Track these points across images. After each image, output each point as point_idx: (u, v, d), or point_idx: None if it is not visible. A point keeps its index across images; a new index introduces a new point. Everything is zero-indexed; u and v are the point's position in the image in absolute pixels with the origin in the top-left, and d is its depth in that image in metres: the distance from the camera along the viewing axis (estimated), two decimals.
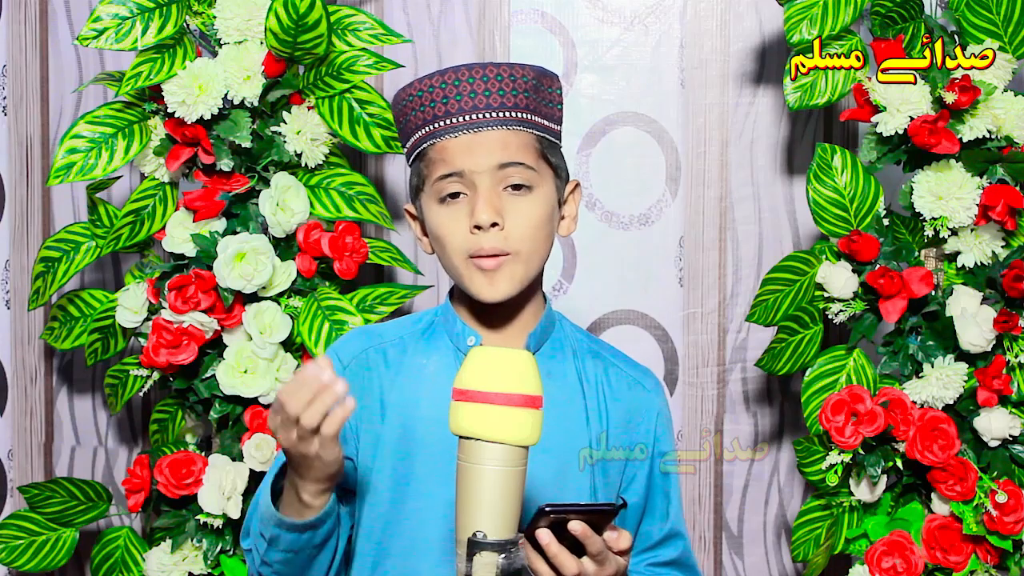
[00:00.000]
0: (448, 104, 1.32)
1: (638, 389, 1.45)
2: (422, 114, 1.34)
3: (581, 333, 1.48)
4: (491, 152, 1.32)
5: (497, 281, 1.34)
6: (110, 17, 1.84)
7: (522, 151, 1.33)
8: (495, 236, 1.32)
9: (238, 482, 1.89)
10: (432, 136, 1.34)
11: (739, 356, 2.24)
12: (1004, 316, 1.79)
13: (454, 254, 1.35)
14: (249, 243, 1.87)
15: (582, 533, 1.15)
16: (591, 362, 1.44)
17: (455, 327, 1.41)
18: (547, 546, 1.15)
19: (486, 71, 1.32)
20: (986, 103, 1.82)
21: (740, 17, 2.21)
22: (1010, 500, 1.77)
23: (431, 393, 1.38)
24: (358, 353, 1.43)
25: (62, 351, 2.37)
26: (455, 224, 1.33)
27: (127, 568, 2.01)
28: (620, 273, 2.25)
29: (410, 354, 1.42)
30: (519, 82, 1.33)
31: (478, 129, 1.32)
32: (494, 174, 1.32)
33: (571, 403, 1.40)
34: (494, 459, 1.12)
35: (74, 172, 1.89)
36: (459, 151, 1.32)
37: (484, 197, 1.31)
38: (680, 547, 1.46)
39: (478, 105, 1.32)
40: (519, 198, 1.34)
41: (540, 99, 1.36)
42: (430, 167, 1.35)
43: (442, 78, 1.33)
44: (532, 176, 1.34)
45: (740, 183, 2.22)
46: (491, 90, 1.32)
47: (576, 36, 2.23)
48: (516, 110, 1.33)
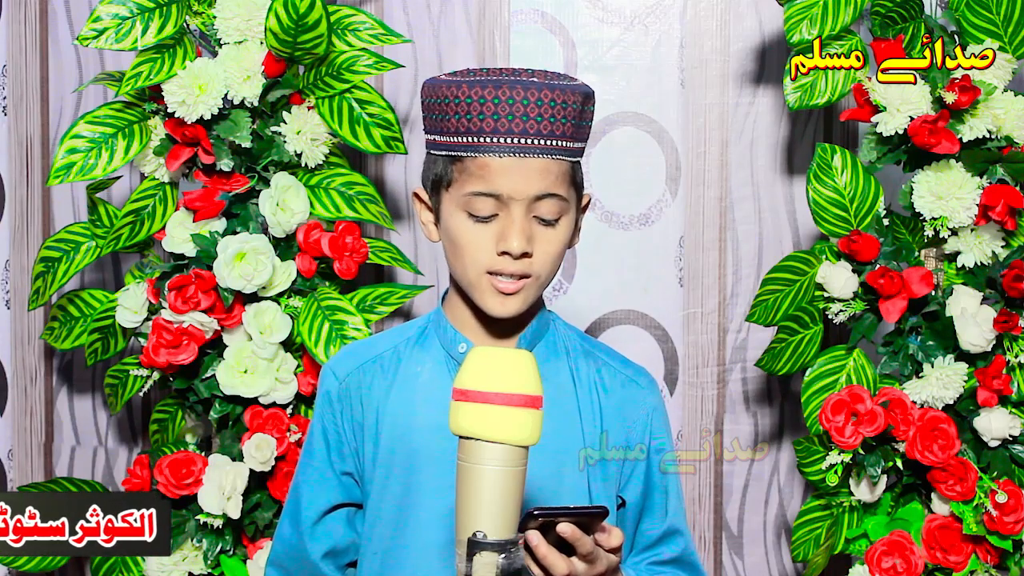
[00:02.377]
0: (497, 122, 1.29)
1: (632, 387, 1.45)
2: (467, 121, 1.30)
3: (574, 333, 1.48)
4: (531, 181, 1.30)
5: (511, 301, 1.34)
6: (110, 17, 1.84)
7: (559, 181, 1.32)
8: (521, 263, 1.32)
9: (238, 482, 1.89)
10: (475, 149, 1.31)
11: (739, 356, 2.24)
12: (1004, 316, 1.79)
13: (472, 267, 1.34)
14: (249, 243, 1.87)
15: (571, 535, 1.16)
16: (584, 361, 1.44)
17: (447, 333, 1.41)
18: (536, 547, 1.15)
19: (541, 94, 1.29)
20: (986, 103, 1.82)
21: (740, 17, 2.21)
22: (1010, 500, 1.77)
23: (426, 401, 1.39)
24: (354, 368, 1.43)
25: (62, 351, 2.37)
26: (482, 241, 1.32)
27: (127, 568, 2.01)
28: (620, 273, 2.25)
29: (404, 363, 1.42)
30: (569, 109, 1.31)
31: (523, 155, 1.30)
32: (530, 202, 1.31)
33: (564, 403, 1.40)
34: (494, 459, 1.12)
35: (74, 172, 1.89)
36: (501, 173, 1.30)
37: (519, 226, 1.30)
38: (681, 545, 1.46)
39: (528, 130, 1.29)
40: (548, 228, 1.33)
41: (581, 122, 1.34)
42: (464, 177, 1.32)
43: (495, 92, 1.29)
44: (563, 207, 1.33)
45: (740, 183, 2.22)
46: (543, 115, 1.29)
47: (576, 36, 2.23)
48: (562, 138, 1.31)
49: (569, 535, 1.15)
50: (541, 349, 1.42)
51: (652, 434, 1.44)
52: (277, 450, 1.90)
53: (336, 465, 1.43)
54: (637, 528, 1.45)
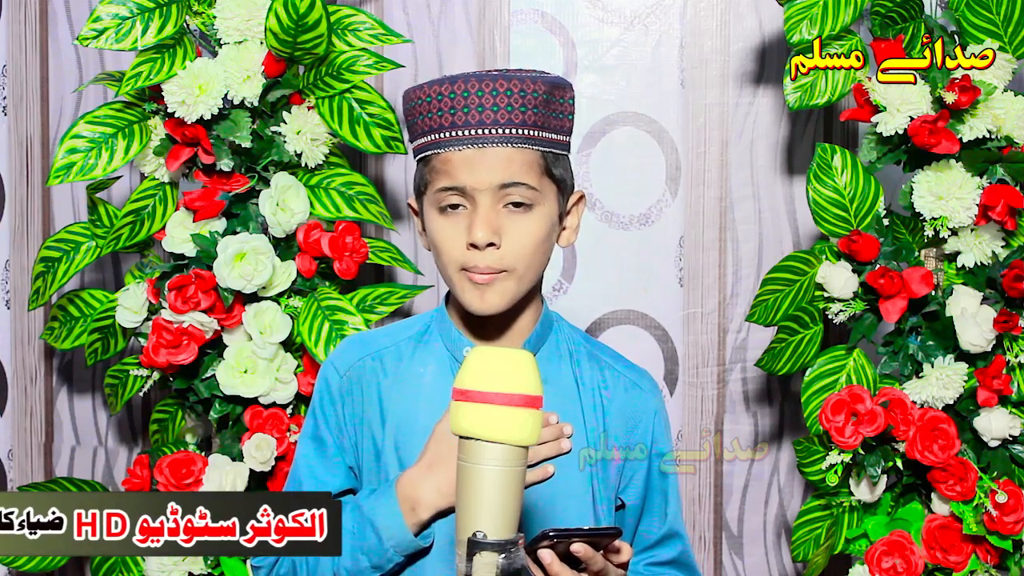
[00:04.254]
0: (455, 115, 1.30)
1: (635, 391, 1.45)
2: (429, 121, 1.33)
3: (578, 334, 1.48)
4: (493, 170, 1.31)
5: (488, 296, 1.34)
6: (110, 17, 1.84)
7: (524, 170, 1.32)
8: (490, 255, 1.32)
9: (238, 482, 1.89)
10: (436, 145, 1.33)
11: (739, 356, 2.24)
12: (1004, 316, 1.79)
13: (448, 264, 1.35)
14: (249, 243, 1.87)
15: (585, 555, 1.18)
16: (587, 364, 1.44)
17: (451, 335, 1.41)
18: (549, 565, 1.17)
19: (496, 84, 1.30)
20: (986, 103, 1.82)
21: (740, 17, 2.21)
22: (1010, 500, 1.77)
23: (430, 402, 1.39)
24: (355, 362, 1.43)
25: (62, 351, 2.37)
26: (452, 236, 1.33)
27: (127, 568, 2.01)
28: (620, 273, 2.25)
29: (407, 362, 1.42)
30: (528, 97, 1.31)
31: (482, 145, 1.30)
32: (495, 192, 1.31)
33: (568, 406, 1.40)
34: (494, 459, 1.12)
35: (74, 172, 1.89)
36: (461, 166, 1.31)
37: (482, 216, 1.31)
38: (679, 547, 1.46)
39: (484, 120, 1.30)
40: (518, 216, 1.33)
41: (550, 112, 1.34)
42: (432, 175, 1.35)
43: (452, 87, 1.31)
44: (533, 195, 1.33)
45: (740, 183, 2.22)
46: (499, 105, 1.30)
47: (576, 36, 2.23)
48: (523, 126, 1.31)
49: (583, 555, 1.18)
50: (545, 351, 1.42)
51: (654, 437, 1.45)
52: (277, 450, 1.90)
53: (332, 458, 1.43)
54: (636, 529, 1.45)
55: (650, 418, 1.45)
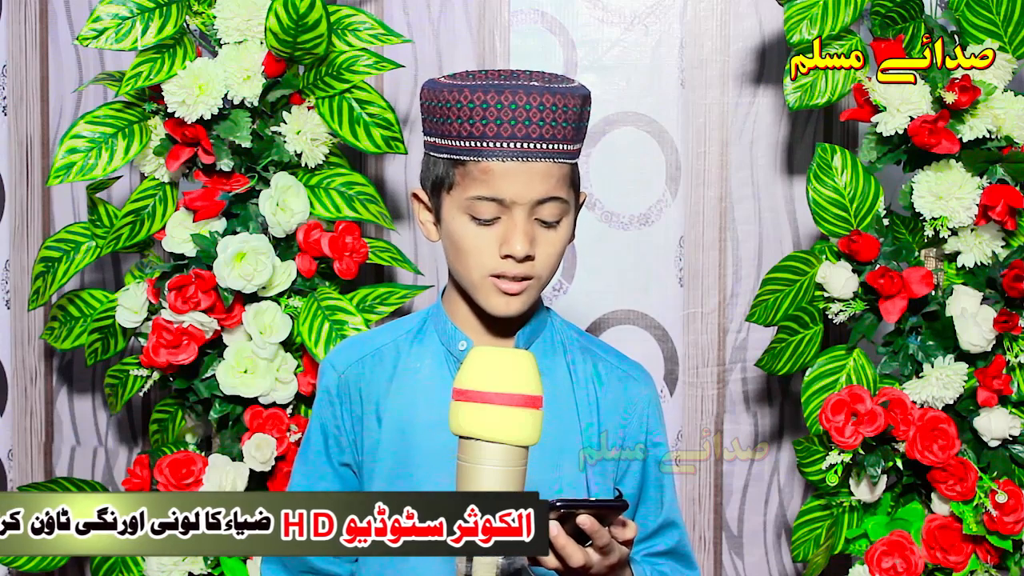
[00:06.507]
0: (500, 126, 1.29)
1: (628, 382, 1.46)
2: (469, 126, 1.30)
3: (571, 329, 1.49)
4: (534, 185, 1.31)
5: (514, 301, 1.35)
6: (110, 17, 1.84)
7: (560, 184, 1.33)
8: (524, 266, 1.33)
9: (238, 482, 1.89)
10: (477, 153, 1.31)
11: (739, 356, 2.24)
12: (1004, 316, 1.79)
13: (476, 270, 1.34)
14: (249, 243, 1.87)
15: (591, 527, 1.16)
16: (580, 357, 1.45)
17: (447, 330, 1.42)
18: (555, 538, 1.15)
19: (543, 98, 1.29)
20: (986, 103, 1.82)
21: (740, 17, 2.21)
22: (1010, 500, 1.77)
23: (427, 398, 1.39)
24: (353, 361, 1.44)
25: (62, 351, 2.37)
26: (485, 245, 1.33)
27: (127, 568, 2.01)
28: (620, 273, 2.25)
29: (404, 359, 1.43)
30: (569, 112, 1.32)
31: (526, 159, 1.30)
32: (532, 206, 1.32)
33: (562, 399, 1.41)
34: (494, 459, 1.12)
35: (74, 172, 1.89)
36: (504, 178, 1.31)
37: (522, 230, 1.31)
38: (676, 537, 1.47)
39: (531, 135, 1.30)
40: (549, 230, 1.34)
41: (580, 124, 1.35)
42: (467, 180, 1.33)
43: (498, 96, 1.29)
44: (564, 209, 1.35)
45: (740, 183, 2.22)
46: (544, 120, 1.30)
47: (576, 36, 2.23)
48: (564, 142, 1.32)
49: (588, 527, 1.16)
50: (539, 346, 1.43)
51: (648, 428, 1.45)
52: (277, 450, 1.90)
53: (335, 457, 1.44)
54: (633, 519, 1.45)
55: (644, 407, 1.45)
